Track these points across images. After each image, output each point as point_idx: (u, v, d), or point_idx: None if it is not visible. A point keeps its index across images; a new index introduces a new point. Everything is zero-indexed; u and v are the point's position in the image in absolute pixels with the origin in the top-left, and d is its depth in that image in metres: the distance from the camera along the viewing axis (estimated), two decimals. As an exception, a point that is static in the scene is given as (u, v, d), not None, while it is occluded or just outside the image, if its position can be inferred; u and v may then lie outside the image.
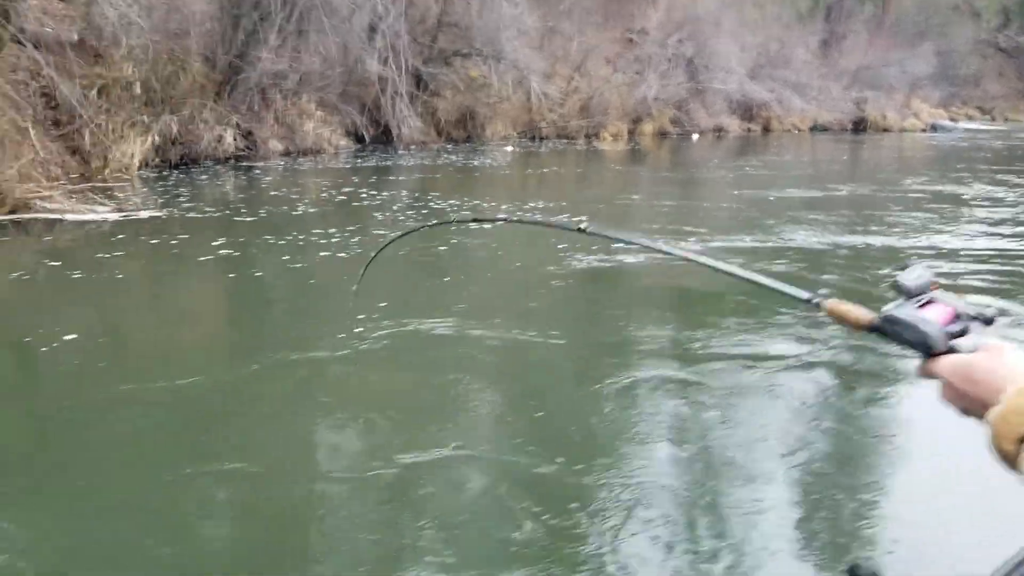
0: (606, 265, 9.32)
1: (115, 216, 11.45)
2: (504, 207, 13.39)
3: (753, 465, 4.48)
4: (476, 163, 19.97)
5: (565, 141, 25.90)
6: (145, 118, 15.35)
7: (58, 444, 4.41)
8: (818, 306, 1.24)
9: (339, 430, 4.82)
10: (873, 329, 1.15)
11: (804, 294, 1.29)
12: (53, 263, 8.84)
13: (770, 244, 10.93)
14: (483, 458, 4.37)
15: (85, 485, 4.00)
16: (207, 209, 12.33)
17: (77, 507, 3.78)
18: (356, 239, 10.29)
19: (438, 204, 13.44)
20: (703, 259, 1.90)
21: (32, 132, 12.87)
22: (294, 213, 12.25)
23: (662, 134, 31.27)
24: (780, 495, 4.19)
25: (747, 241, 11.04)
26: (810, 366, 6.01)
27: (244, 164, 17.21)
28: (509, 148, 22.86)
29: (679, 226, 12.15)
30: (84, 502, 3.84)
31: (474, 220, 3.92)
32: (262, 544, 3.66)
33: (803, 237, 11.51)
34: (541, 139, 25.85)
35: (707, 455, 4.57)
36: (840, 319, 1.21)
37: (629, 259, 9.53)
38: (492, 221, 10.45)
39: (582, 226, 2.10)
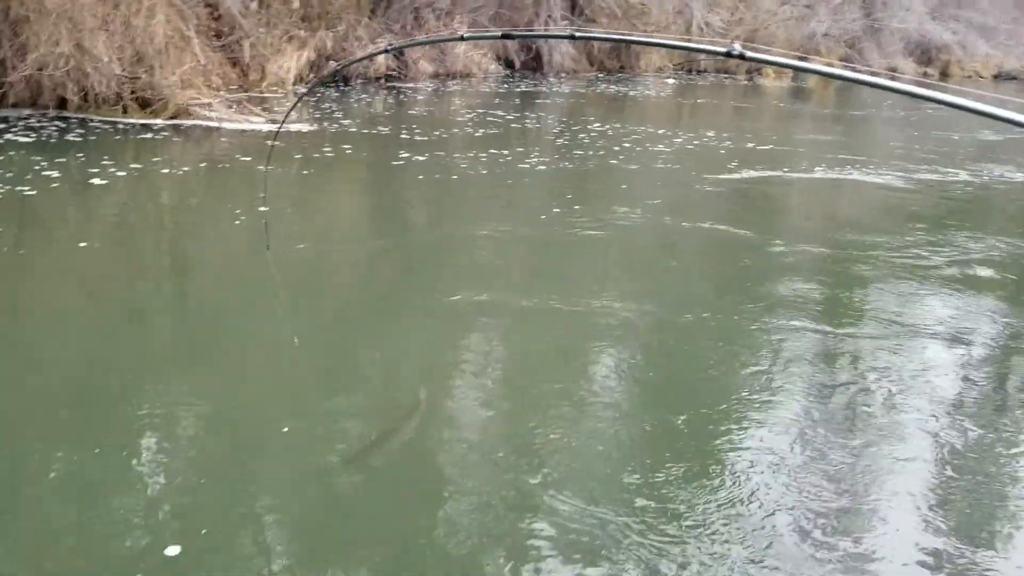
0: (765, 175, 9.80)
1: (269, 127, 11.45)
2: (659, 132, 12.61)
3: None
4: (629, 92, 19.11)
5: (724, 75, 24.48)
6: (302, 32, 15.36)
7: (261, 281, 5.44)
8: None
9: (500, 277, 5.78)
10: None
11: None
12: (236, 157, 9.41)
13: (963, 178, 9.86)
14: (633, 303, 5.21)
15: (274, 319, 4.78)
16: (359, 126, 12.22)
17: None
18: (505, 159, 10.02)
19: (591, 127, 12.80)
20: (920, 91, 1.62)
21: (195, 41, 13.00)
22: (444, 133, 11.97)
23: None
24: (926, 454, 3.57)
25: (925, 175, 10.03)
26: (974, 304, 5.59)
27: (394, 84, 17.05)
28: (671, 80, 21.77)
29: (846, 155, 11.38)
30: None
31: (502, 37, 3.17)
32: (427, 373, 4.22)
33: (997, 171, 10.48)
34: (699, 72, 24.50)
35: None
36: None
37: (791, 174, 10.07)
38: (548, 37, 10.94)
39: (734, 49, 1.80)
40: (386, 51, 3.62)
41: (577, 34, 2.82)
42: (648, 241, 6.99)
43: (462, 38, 2.75)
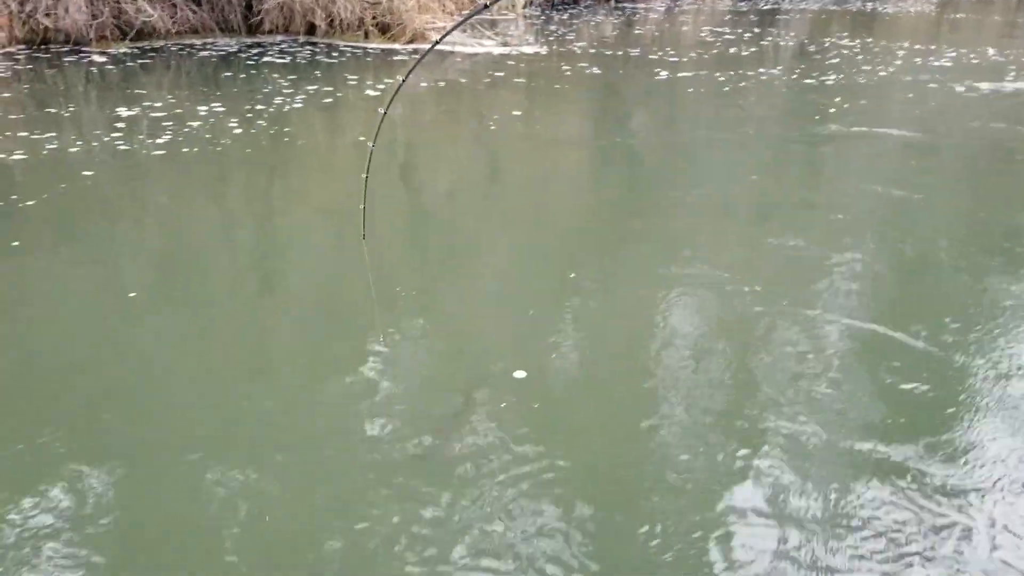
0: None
1: (501, 50, 11.40)
2: (928, 47, 11.27)
3: None
4: (884, 8, 17.31)
5: (996, -12, 21.60)
6: (533, -47, 15.12)
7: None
8: None
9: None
10: None
11: None
12: (474, 75, 9.63)
13: None
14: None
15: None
16: (596, 47, 11.87)
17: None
18: (769, 75, 9.46)
19: (850, 44, 11.67)
20: None
21: (431, -35, 13.14)
22: (702, 53, 11.35)
23: None
24: None
25: None
26: None
27: (624, 4, 16.48)
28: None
29: None
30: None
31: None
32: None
33: None
34: (964, -15, 21.77)
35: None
36: None
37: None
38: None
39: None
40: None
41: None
42: (921, 140, 6.90)
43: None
